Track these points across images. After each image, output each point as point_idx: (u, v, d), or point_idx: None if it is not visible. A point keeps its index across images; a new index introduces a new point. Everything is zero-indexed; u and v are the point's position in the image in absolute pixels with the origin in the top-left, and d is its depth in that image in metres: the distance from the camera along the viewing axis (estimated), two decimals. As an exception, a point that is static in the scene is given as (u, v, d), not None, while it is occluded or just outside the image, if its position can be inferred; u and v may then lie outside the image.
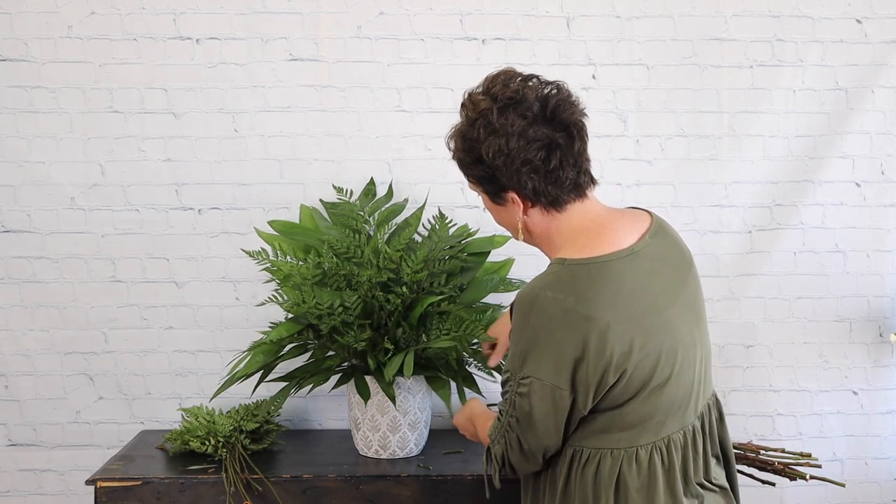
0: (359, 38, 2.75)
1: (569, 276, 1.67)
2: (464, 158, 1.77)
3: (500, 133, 1.70)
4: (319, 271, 2.40)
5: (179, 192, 2.77)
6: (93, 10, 2.71)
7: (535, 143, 1.69)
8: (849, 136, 2.82)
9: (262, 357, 2.41)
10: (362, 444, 2.49)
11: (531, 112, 1.70)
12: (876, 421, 2.89)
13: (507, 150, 1.69)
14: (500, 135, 1.70)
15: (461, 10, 2.75)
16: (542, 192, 1.72)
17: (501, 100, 1.71)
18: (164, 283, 2.79)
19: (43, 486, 2.81)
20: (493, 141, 1.70)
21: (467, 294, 2.50)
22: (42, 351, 2.78)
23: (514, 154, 1.70)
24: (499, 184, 1.74)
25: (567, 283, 1.67)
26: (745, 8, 2.78)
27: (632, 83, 2.79)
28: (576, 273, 1.68)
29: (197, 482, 2.32)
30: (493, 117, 1.70)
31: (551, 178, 1.72)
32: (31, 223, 2.75)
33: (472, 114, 1.74)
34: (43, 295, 2.77)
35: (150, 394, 2.81)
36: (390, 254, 2.39)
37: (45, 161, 2.74)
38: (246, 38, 2.73)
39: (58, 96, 2.73)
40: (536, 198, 1.73)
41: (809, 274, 2.85)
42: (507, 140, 1.69)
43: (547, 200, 1.74)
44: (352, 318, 2.33)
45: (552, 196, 1.73)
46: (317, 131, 2.76)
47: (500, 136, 1.70)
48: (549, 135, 1.70)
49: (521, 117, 1.69)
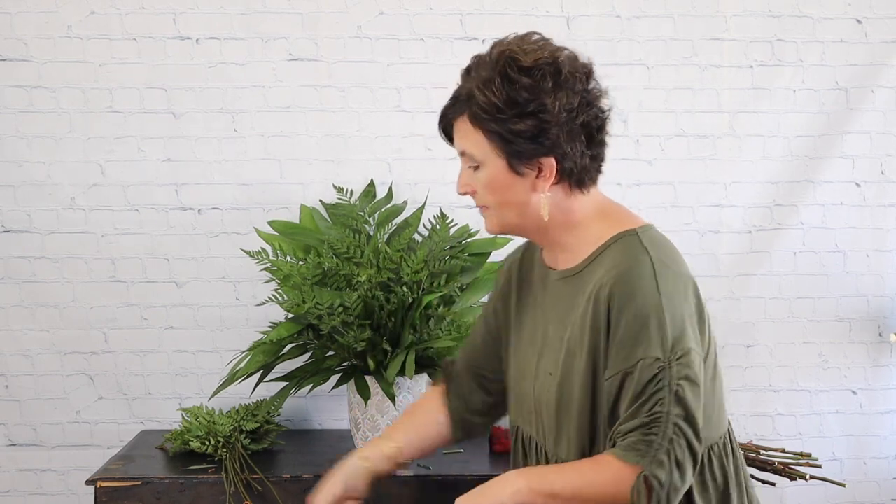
0: (359, 38, 2.75)
1: (651, 242, 1.57)
2: (503, 108, 1.54)
3: (566, 88, 1.55)
4: (319, 271, 2.40)
5: (179, 192, 2.77)
6: (92, 10, 2.71)
7: (594, 110, 1.59)
8: (849, 136, 2.83)
9: (262, 357, 2.41)
10: (362, 444, 2.49)
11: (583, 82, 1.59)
12: (875, 420, 2.89)
13: (572, 106, 1.55)
14: (566, 89, 1.55)
15: (461, 10, 2.75)
16: (579, 166, 1.58)
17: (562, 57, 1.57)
18: (164, 283, 2.79)
19: (43, 486, 2.81)
20: (561, 94, 1.54)
21: (468, 294, 2.50)
22: (42, 351, 2.78)
23: (578, 112, 1.56)
24: (543, 145, 1.55)
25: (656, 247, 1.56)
26: (745, 8, 2.79)
27: (632, 83, 2.79)
28: (654, 237, 1.59)
29: (197, 482, 2.32)
30: (563, 69, 1.55)
31: (594, 152, 1.60)
32: (31, 223, 2.75)
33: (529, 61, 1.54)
34: (43, 295, 2.77)
35: (150, 394, 2.81)
36: (390, 254, 2.39)
37: (45, 161, 2.74)
38: (246, 38, 2.73)
39: (58, 96, 2.73)
40: (570, 171, 1.58)
41: (809, 274, 2.85)
42: (573, 97, 1.55)
43: (577, 177, 1.59)
44: (352, 318, 2.33)
45: (587, 172, 1.60)
46: (317, 131, 2.76)
47: (568, 91, 1.55)
48: (601, 108, 1.61)
49: (582, 82, 1.58)
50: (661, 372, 1.47)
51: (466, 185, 1.63)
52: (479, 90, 1.55)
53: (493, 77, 1.54)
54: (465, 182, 1.63)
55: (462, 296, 2.49)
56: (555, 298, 1.65)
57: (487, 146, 1.57)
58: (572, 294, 1.60)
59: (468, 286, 2.52)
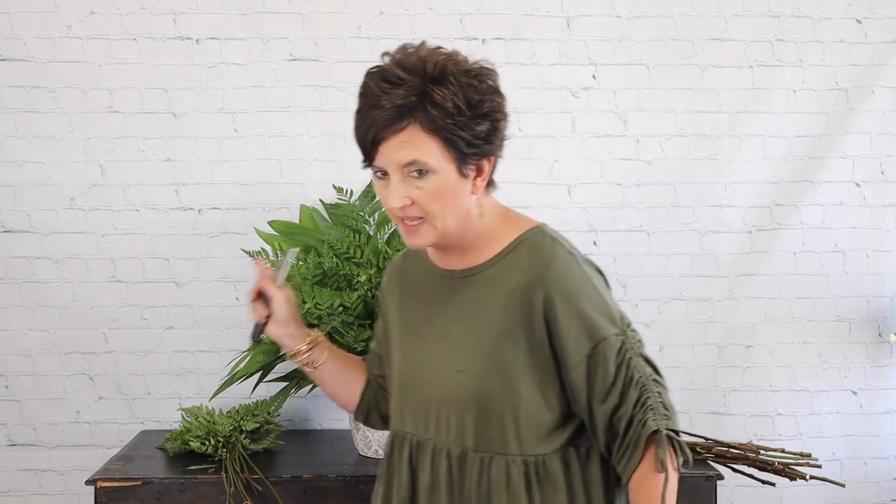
0: (359, 38, 2.75)
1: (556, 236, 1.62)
2: (464, 111, 1.51)
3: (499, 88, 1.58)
4: (319, 271, 2.40)
5: (179, 192, 2.77)
6: (92, 10, 2.71)
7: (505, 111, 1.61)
8: (849, 136, 2.83)
9: (262, 357, 2.41)
10: (362, 444, 2.49)
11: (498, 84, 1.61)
12: (875, 421, 2.89)
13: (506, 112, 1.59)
14: (500, 90, 1.59)
15: (461, 10, 2.75)
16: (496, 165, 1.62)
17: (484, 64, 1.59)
18: (164, 283, 2.79)
19: (43, 486, 2.81)
20: (500, 98, 1.58)
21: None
22: (42, 351, 2.78)
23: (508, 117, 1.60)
24: (493, 145, 1.57)
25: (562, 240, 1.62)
26: (745, 8, 2.79)
27: (632, 83, 2.79)
28: (555, 232, 1.64)
29: (197, 482, 2.32)
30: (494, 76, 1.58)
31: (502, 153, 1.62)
32: (31, 223, 2.75)
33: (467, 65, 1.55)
34: (43, 295, 2.77)
35: (150, 394, 2.81)
36: (390, 254, 2.39)
37: (45, 161, 2.74)
38: (246, 38, 2.73)
39: (57, 96, 2.73)
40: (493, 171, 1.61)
41: (809, 274, 2.85)
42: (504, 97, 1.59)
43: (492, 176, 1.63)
44: (352, 318, 2.34)
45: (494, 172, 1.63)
46: (317, 131, 2.76)
47: (504, 98, 1.59)
48: None
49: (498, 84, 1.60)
50: (622, 343, 1.57)
51: (407, 197, 1.54)
52: (437, 95, 1.50)
53: (446, 81, 1.51)
54: (405, 195, 1.54)
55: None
56: (459, 297, 1.64)
57: (440, 152, 1.52)
58: (482, 292, 1.61)
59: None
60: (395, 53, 1.58)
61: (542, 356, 1.57)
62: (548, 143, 2.80)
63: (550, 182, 2.80)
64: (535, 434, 1.58)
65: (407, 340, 1.70)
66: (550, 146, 2.80)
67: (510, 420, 1.58)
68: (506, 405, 1.57)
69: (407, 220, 1.57)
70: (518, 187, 2.76)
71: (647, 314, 2.83)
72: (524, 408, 1.57)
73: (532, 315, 1.56)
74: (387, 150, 1.53)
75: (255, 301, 1.73)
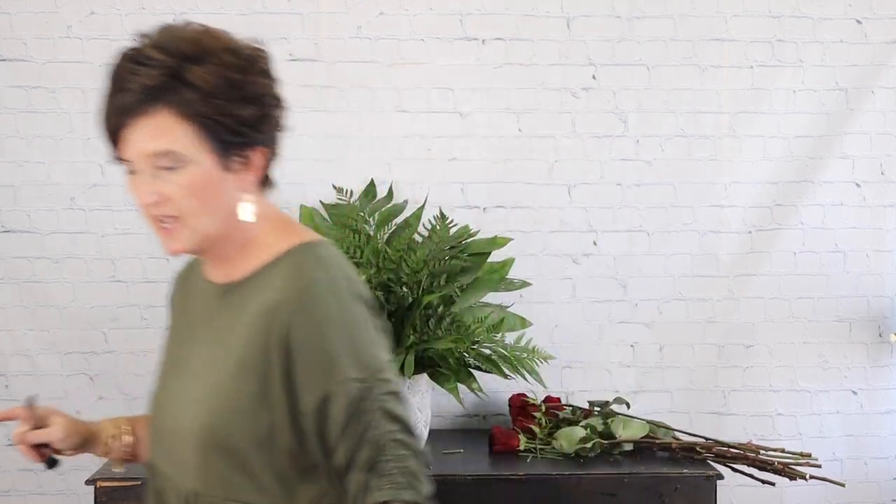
0: (359, 38, 2.74)
1: (328, 257, 1.38)
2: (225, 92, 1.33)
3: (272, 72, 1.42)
4: (319, 271, 2.39)
5: (179, 192, 2.76)
6: (92, 10, 2.71)
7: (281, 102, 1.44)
8: (849, 136, 2.83)
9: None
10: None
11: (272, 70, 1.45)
12: (875, 421, 2.89)
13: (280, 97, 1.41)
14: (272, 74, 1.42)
15: (461, 10, 2.75)
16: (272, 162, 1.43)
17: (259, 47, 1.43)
18: (164, 284, 2.76)
19: (43, 486, 2.81)
20: (270, 81, 1.41)
21: (468, 294, 2.50)
22: (42, 351, 2.78)
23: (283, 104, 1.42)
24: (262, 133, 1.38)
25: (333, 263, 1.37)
26: (745, 8, 2.79)
27: (632, 83, 2.79)
28: (330, 253, 1.40)
29: (197, 482, 2.31)
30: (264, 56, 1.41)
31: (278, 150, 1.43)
32: (31, 223, 2.75)
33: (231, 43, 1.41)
34: (43, 295, 2.76)
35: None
36: (390, 254, 2.39)
37: (45, 161, 2.74)
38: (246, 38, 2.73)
39: (57, 96, 2.73)
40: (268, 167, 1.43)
41: (809, 274, 2.85)
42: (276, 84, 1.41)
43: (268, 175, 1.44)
44: (352, 318, 2.33)
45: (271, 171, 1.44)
46: (317, 131, 2.76)
47: (273, 76, 1.42)
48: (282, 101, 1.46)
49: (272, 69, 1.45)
50: (362, 393, 1.31)
51: (157, 192, 1.35)
52: (191, 74, 1.32)
53: (203, 60, 1.33)
54: (156, 189, 1.35)
55: (462, 296, 2.49)
56: (212, 316, 1.43)
57: (195, 140, 1.32)
58: (234, 310, 1.39)
59: (468, 286, 2.51)
60: (151, 33, 1.40)
61: (278, 393, 1.32)
62: (548, 143, 2.80)
63: (550, 182, 2.80)
64: (277, 484, 1.34)
65: (164, 361, 1.53)
66: (550, 146, 2.80)
67: (242, 463, 1.33)
68: (239, 445, 1.33)
69: (162, 220, 1.39)
70: (518, 187, 2.76)
71: (647, 314, 2.83)
72: (261, 451, 1.33)
73: (269, 343, 1.32)
74: (133, 139, 1.35)
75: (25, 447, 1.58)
